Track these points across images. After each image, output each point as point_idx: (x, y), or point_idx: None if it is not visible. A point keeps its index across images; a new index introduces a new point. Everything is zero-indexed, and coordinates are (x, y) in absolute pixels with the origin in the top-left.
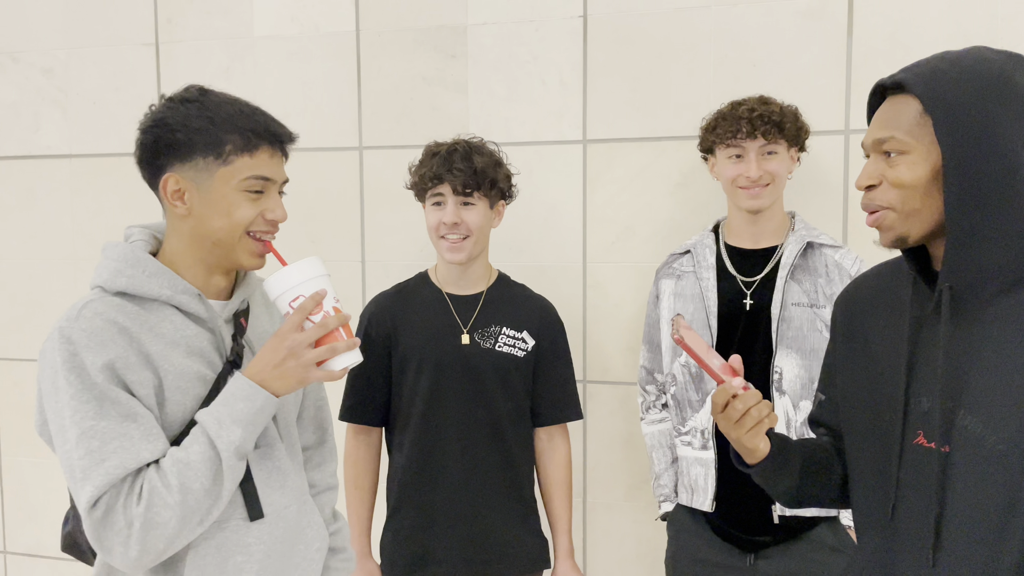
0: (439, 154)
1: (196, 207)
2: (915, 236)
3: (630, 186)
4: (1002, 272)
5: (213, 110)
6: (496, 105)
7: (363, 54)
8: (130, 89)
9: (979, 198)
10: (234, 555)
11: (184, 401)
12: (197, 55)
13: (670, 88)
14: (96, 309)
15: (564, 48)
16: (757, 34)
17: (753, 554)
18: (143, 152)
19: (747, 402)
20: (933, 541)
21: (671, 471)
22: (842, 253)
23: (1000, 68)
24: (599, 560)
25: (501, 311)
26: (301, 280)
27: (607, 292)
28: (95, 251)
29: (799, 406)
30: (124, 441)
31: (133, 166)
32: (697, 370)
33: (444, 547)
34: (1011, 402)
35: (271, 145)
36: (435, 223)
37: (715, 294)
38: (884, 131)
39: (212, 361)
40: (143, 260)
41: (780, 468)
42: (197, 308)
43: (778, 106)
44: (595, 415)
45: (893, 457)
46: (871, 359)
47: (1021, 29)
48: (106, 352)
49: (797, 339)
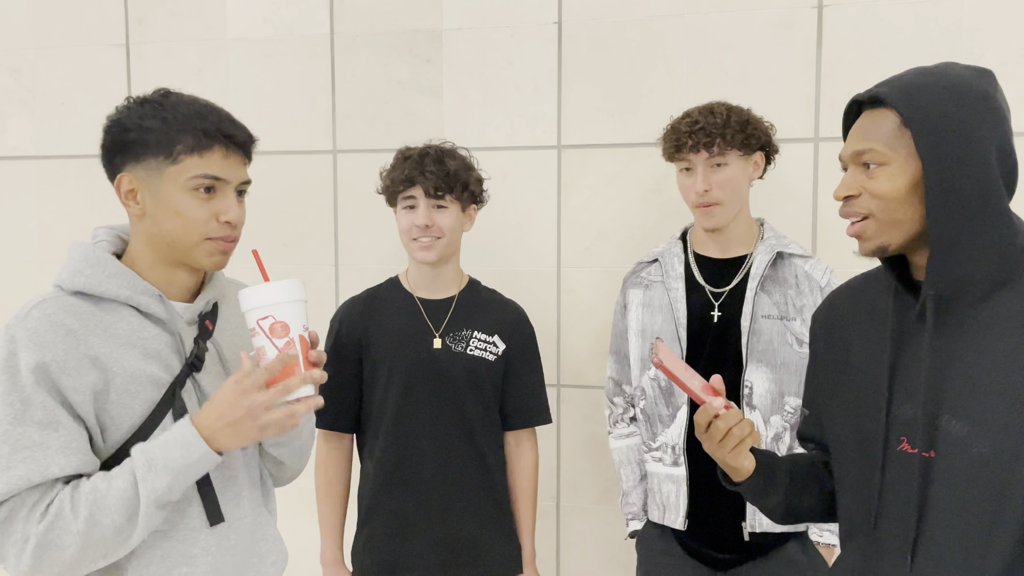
0: (411, 158)
1: (149, 207)
2: (895, 245)
3: (604, 191)
4: (983, 280)
5: (169, 110)
6: (471, 110)
7: (337, 57)
8: (99, 90)
9: (960, 208)
10: (179, 566)
11: (132, 404)
12: (168, 57)
13: (644, 95)
14: (45, 310)
15: (539, 54)
16: (728, 43)
17: (723, 573)
18: (102, 152)
19: (729, 421)
20: (912, 546)
21: (640, 488)
22: (812, 263)
23: (974, 82)
24: (572, 564)
25: (472, 315)
26: (275, 301)
27: (580, 297)
28: (63, 254)
29: (769, 421)
30: (36, 451)
31: (101, 168)
32: (667, 383)
33: (416, 553)
34: (996, 406)
35: (224, 146)
36: (407, 225)
37: (684, 305)
38: (863, 143)
39: (170, 364)
40: (103, 260)
41: (766, 484)
42: (157, 309)
43: (723, 115)
44: (568, 419)
45: (876, 465)
46: (852, 369)
47: (984, 41)
48: (43, 354)
49: (767, 352)
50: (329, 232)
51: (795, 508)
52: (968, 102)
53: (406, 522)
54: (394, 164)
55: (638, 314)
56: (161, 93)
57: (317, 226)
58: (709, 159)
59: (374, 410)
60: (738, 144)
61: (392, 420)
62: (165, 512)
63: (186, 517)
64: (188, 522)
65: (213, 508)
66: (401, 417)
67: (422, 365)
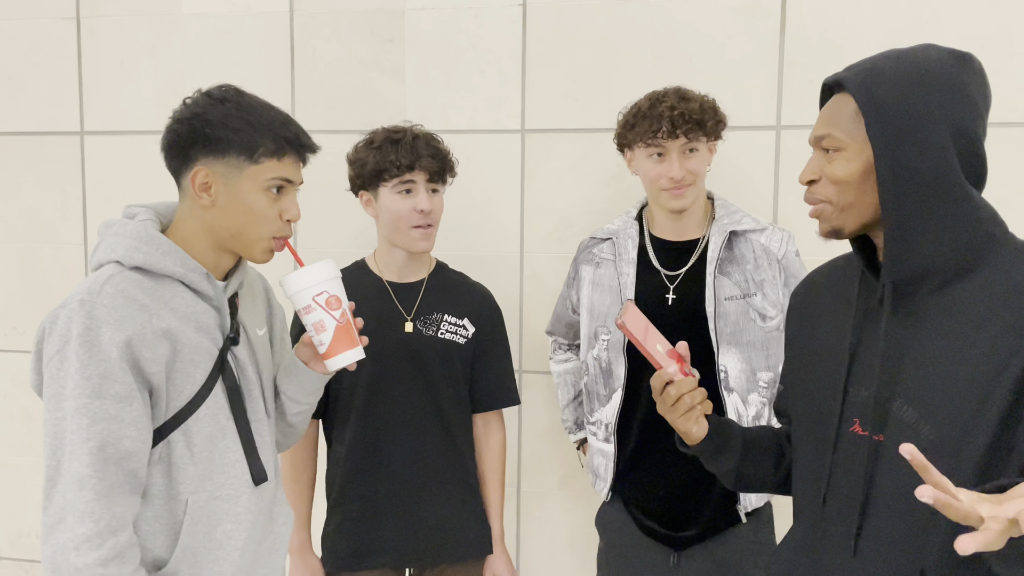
0: (402, 141)
1: (221, 200)
2: (849, 228)
3: (567, 177)
4: (942, 266)
5: (251, 113)
6: (434, 92)
7: (297, 35)
8: (48, 64)
9: (914, 194)
10: (223, 523)
11: (195, 374)
12: (121, 31)
13: (608, 80)
14: (117, 285)
15: (503, 36)
16: (693, 29)
17: (677, 552)
18: (176, 140)
19: (681, 388)
20: (857, 528)
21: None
22: (767, 235)
23: (940, 66)
24: (533, 548)
25: (442, 299)
26: (327, 278)
27: (544, 282)
28: (8, 233)
29: (748, 400)
30: (112, 424)
31: (51, 145)
32: (607, 365)
33: (387, 536)
34: (947, 393)
35: (298, 153)
36: (407, 211)
37: (633, 290)
38: (823, 129)
39: (215, 338)
40: (156, 238)
41: (718, 450)
42: (205, 287)
43: (698, 101)
44: (531, 404)
45: (828, 445)
46: (817, 350)
47: (944, 31)
48: (125, 329)
49: (735, 334)
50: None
51: (747, 476)
52: (926, 86)
53: (378, 506)
54: (379, 146)
55: (588, 291)
56: (235, 91)
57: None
58: (685, 144)
59: (343, 395)
60: (710, 131)
61: (364, 404)
62: (242, 480)
63: (231, 478)
64: (234, 483)
65: (258, 468)
66: (373, 401)
67: (394, 349)
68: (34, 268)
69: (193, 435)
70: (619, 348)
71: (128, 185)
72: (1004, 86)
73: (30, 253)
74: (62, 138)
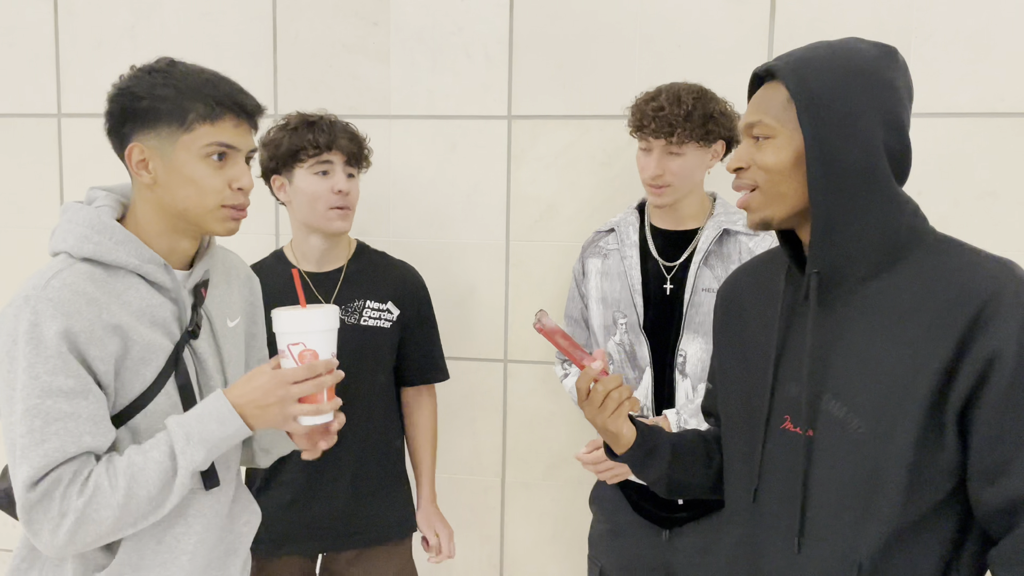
0: (318, 123)
1: (161, 176)
2: (778, 218)
3: (554, 164)
4: (866, 259)
5: (179, 79)
6: (419, 76)
7: (279, 17)
8: (24, 46)
9: (841, 184)
10: (174, 526)
11: (144, 372)
12: (99, 11)
13: (596, 66)
14: (65, 279)
15: (490, 21)
16: (682, 15)
17: (668, 530)
18: (110, 121)
19: (608, 385)
20: (799, 527)
21: None
22: (756, 241)
23: (868, 59)
24: (517, 539)
25: (363, 284)
26: (309, 330)
27: (529, 271)
28: None
29: (698, 388)
30: (68, 422)
31: (29, 127)
32: (630, 348)
33: (312, 524)
34: (873, 387)
35: (235, 114)
36: (324, 191)
37: (639, 272)
38: (754, 116)
39: (171, 332)
40: (110, 227)
41: (646, 457)
42: (162, 278)
43: (688, 106)
44: (515, 394)
45: (758, 442)
46: (744, 347)
47: (935, 19)
48: (69, 323)
49: (704, 324)
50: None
51: (678, 483)
52: (856, 77)
53: (302, 494)
54: (295, 127)
55: (598, 282)
56: (167, 62)
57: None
58: (667, 146)
59: None
60: (697, 137)
61: None
62: (193, 481)
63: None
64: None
65: (211, 473)
66: None
67: None
68: (8, 253)
69: (140, 433)
70: (637, 329)
71: (106, 169)
72: (994, 75)
73: (5, 238)
74: (39, 120)
